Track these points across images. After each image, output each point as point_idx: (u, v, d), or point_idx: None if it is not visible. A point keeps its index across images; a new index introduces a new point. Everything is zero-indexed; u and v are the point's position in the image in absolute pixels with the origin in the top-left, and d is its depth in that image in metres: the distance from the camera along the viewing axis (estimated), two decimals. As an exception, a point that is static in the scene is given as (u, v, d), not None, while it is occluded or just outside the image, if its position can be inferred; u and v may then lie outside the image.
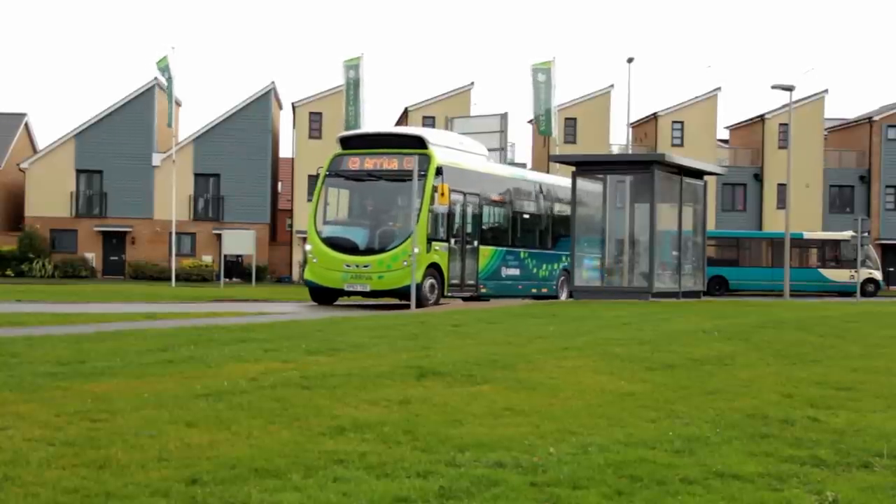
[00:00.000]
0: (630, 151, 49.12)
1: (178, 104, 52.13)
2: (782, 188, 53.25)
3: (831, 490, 5.53)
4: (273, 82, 51.78)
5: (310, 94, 54.00)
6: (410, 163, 21.30)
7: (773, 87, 35.04)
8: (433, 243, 21.61)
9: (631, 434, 6.86)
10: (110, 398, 7.34)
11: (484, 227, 24.23)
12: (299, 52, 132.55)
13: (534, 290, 26.12)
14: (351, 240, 21.87)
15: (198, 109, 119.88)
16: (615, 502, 5.26)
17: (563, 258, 27.11)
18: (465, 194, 22.84)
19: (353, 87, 42.90)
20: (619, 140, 56.20)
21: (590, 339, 12.43)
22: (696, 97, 56.85)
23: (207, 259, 49.59)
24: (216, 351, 10.15)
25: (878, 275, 45.97)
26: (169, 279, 42.41)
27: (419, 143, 22.04)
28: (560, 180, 29.45)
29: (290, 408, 7.22)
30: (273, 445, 6.10)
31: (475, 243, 23.43)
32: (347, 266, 21.33)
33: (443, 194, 20.43)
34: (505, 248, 25.02)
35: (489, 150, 29.98)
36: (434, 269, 21.72)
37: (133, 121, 50.08)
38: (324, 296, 22.31)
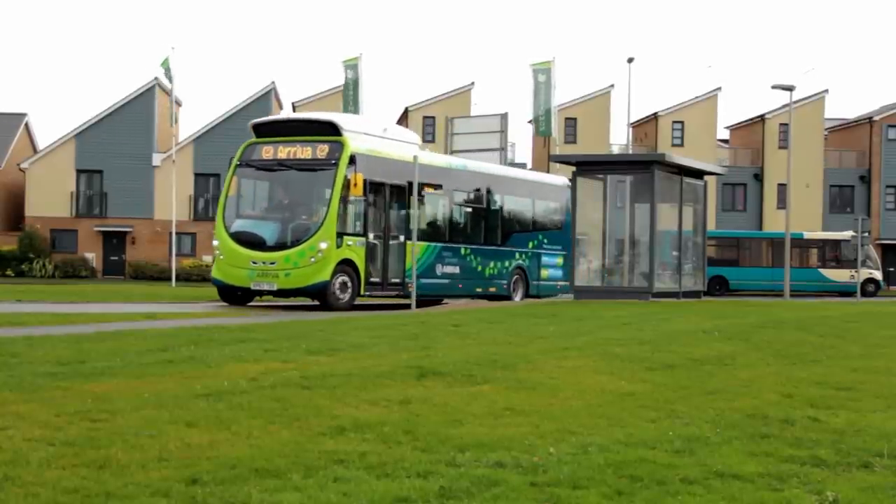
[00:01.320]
0: (630, 151, 49.13)
1: (179, 104, 52.16)
2: (782, 188, 53.26)
3: (831, 490, 5.53)
4: (273, 82, 51.81)
5: (310, 94, 54.04)
6: (324, 151, 20.12)
7: (773, 87, 35.05)
8: (346, 238, 19.90)
9: (631, 434, 6.86)
10: (110, 398, 7.34)
11: (417, 219, 22.23)
12: (299, 52, 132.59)
13: (479, 290, 24.22)
14: (258, 235, 20.31)
15: (198, 109, 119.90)
16: (615, 502, 5.26)
17: (518, 255, 25.37)
18: (388, 185, 21.11)
19: (352, 87, 42.90)
20: (619, 140, 56.24)
21: (590, 339, 12.44)
22: (696, 97, 56.89)
23: (208, 259, 49.58)
24: (216, 351, 10.15)
25: (878, 275, 45.98)
26: (169, 279, 42.42)
27: (332, 129, 20.48)
28: (515, 172, 27.47)
29: (291, 408, 7.22)
30: (273, 445, 6.10)
31: (401, 238, 21.53)
32: (254, 263, 19.81)
33: (356, 185, 19.32)
34: (441, 244, 23.05)
35: (489, 150, 29.96)
36: (347, 267, 20.00)
37: (133, 121, 50.11)
38: (233, 295, 20.82)
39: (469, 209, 24.63)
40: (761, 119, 57.18)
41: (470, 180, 24.46)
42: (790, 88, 34.97)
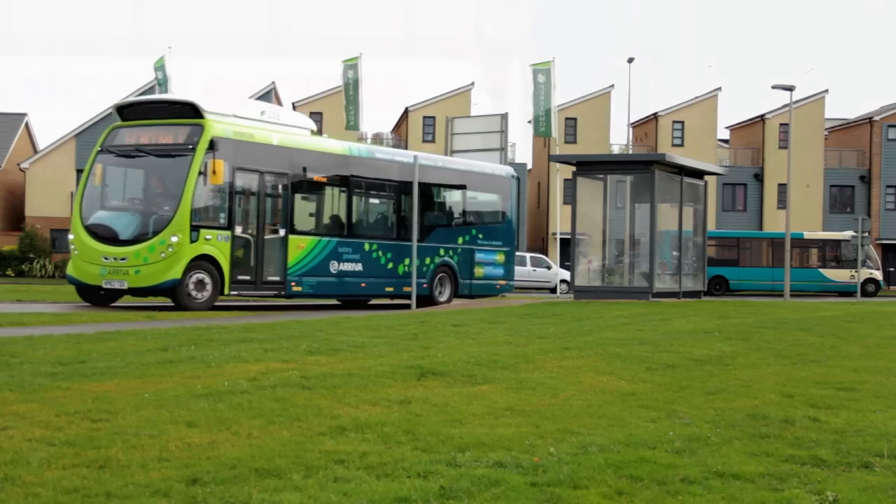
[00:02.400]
0: (630, 151, 49.14)
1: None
2: (782, 188, 53.28)
3: (831, 490, 5.53)
4: (273, 82, 51.79)
5: (310, 94, 54.06)
6: (183, 135, 18.51)
7: (774, 87, 35.08)
8: (203, 231, 18.12)
9: (631, 434, 6.86)
10: (110, 398, 7.34)
11: (299, 212, 20.42)
12: (299, 52, 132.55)
13: (389, 290, 22.00)
14: (111, 228, 18.55)
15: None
16: (615, 502, 5.26)
17: (443, 252, 22.99)
18: (265, 174, 19.36)
19: (352, 88, 42.90)
20: (619, 140, 56.25)
21: (590, 339, 12.44)
22: (696, 97, 56.89)
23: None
24: (216, 351, 10.16)
25: (878, 275, 45.98)
26: (169, 279, 42.34)
27: (192, 111, 18.67)
28: (441, 161, 24.71)
29: (291, 408, 7.23)
30: (273, 445, 6.10)
31: (281, 232, 19.66)
32: (106, 259, 18.14)
33: (214, 172, 17.77)
34: (336, 239, 20.86)
35: (489, 150, 29.92)
36: (206, 263, 18.22)
37: (133, 121, 50.04)
38: (94, 295, 19.08)
39: (376, 200, 22.73)
40: (761, 119, 57.19)
41: (378, 169, 22.21)
42: (790, 88, 34.97)
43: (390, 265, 22.00)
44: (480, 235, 24.25)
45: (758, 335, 13.84)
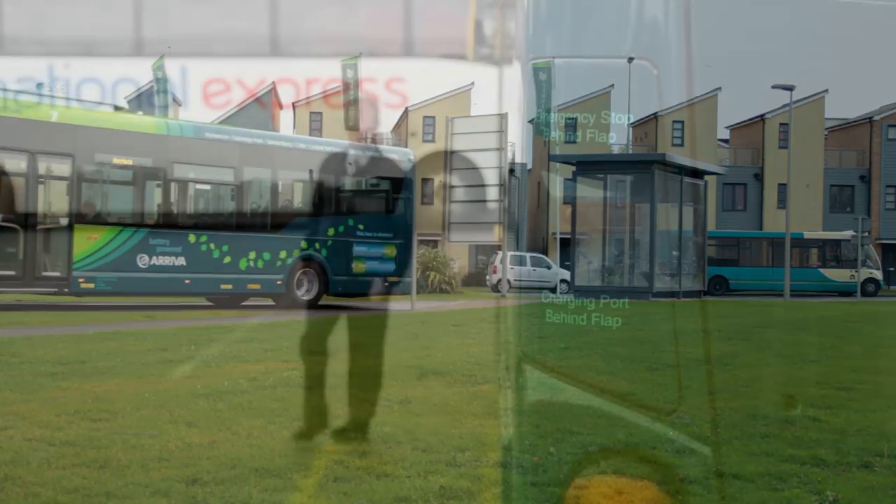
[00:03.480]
0: (630, 151, 49.12)
1: (178, 104, 52.13)
2: (782, 188, 53.24)
3: (831, 490, 5.52)
4: (273, 82, 51.76)
5: (310, 93, 54.04)
6: None
7: (774, 87, 35.12)
8: None
9: (631, 434, 6.86)
10: (110, 398, 7.34)
11: (90, 199, 18.30)
12: (299, 52, 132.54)
13: (226, 287, 19.44)
14: None
15: (198, 109, 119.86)
16: (615, 502, 5.25)
17: (304, 244, 20.35)
18: (35, 153, 17.31)
19: (352, 87, 42.89)
20: (619, 140, 56.22)
21: (590, 339, 12.44)
22: (696, 97, 56.88)
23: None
24: (216, 351, 10.16)
25: (878, 275, 45.93)
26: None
27: None
28: (300, 140, 22.66)
29: (291, 408, 7.23)
30: (273, 445, 6.10)
31: (63, 221, 17.58)
32: None
33: None
34: (147, 229, 18.46)
35: (489, 149, 29.87)
36: None
37: (133, 121, 49.94)
38: None
39: (206, 186, 20.16)
40: (761, 119, 57.17)
41: (210, 149, 19.58)
42: (790, 88, 34.98)
43: (227, 259, 19.31)
44: (361, 226, 21.25)
45: (758, 335, 13.85)
